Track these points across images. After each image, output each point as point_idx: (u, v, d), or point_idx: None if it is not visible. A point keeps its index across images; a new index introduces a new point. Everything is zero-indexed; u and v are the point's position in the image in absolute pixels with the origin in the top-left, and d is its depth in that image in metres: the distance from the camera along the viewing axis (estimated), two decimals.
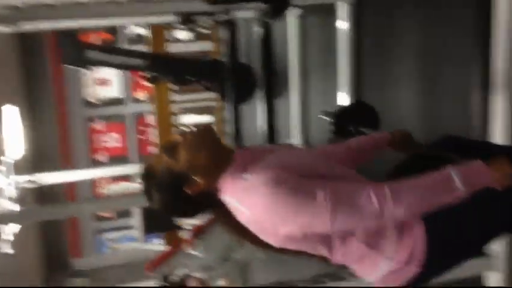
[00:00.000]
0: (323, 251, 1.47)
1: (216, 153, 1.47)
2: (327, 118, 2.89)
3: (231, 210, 1.45)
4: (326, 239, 1.43)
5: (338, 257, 1.48)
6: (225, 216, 1.50)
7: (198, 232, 2.91)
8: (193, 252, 2.84)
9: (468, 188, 1.34)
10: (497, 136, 2.33)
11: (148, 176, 1.48)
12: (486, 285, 2.54)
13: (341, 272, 2.40)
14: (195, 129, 1.53)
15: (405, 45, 3.28)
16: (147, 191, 1.48)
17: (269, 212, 1.34)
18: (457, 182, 1.33)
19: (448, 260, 1.53)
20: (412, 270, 1.46)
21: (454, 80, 2.81)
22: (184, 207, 1.49)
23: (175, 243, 3.39)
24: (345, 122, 2.29)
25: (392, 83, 3.49)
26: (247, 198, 1.37)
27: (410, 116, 3.29)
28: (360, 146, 1.73)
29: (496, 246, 2.40)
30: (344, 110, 2.41)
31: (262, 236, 1.45)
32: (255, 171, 1.38)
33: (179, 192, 1.44)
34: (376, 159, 1.76)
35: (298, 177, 1.36)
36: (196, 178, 1.43)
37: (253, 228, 1.44)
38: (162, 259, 2.94)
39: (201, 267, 2.82)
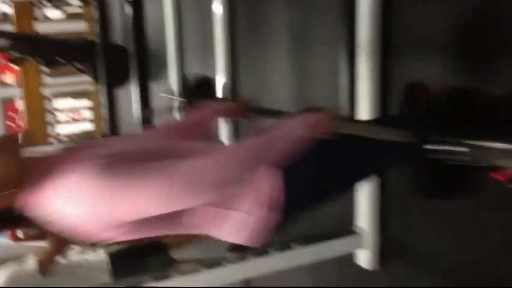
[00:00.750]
0: (170, 228, 1.37)
1: (17, 166, 1.27)
2: (171, 96, 2.80)
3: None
4: (170, 215, 1.30)
5: (189, 226, 1.39)
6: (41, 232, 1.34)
7: None
8: None
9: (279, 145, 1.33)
10: (364, 116, 2.36)
11: None
12: (358, 264, 2.60)
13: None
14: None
15: (278, 27, 3.26)
16: None
17: (103, 200, 1.17)
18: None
19: (307, 201, 1.50)
20: (268, 217, 1.39)
21: (324, 61, 2.83)
22: None
23: None
24: (191, 97, 2.24)
25: (266, 65, 3.46)
26: (74, 196, 1.18)
27: (286, 97, 3.29)
28: (204, 115, 1.78)
29: (364, 224, 2.46)
30: (188, 86, 2.35)
31: (101, 233, 1.28)
32: (74, 169, 1.20)
33: None
34: None
35: (128, 163, 1.22)
36: None
37: (87, 228, 1.24)
38: None
39: None
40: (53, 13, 6.38)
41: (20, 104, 6.51)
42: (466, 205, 1.95)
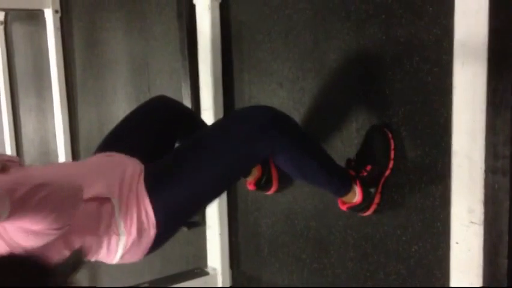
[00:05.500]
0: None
1: None
2: None
3: None
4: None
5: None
6: None
7: None
8: None
9: None
10: None
11: None
12: None
13: None
14: None
15: (118, 57, 3.09)
16: None
17: None
18: None
19: (182, 212, 1.50)
20: (150, 235, 1.41)
21: (167, 92, 2.69)
22: None
23: None
24: None
25: (108, 97, 3.27)
26: None
27: None
28: None
29: (216, 263, 2.36)
30: None
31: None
32: None
33: None
34: None
35: None
36: None
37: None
38: None
39: None
40: None
41: None
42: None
